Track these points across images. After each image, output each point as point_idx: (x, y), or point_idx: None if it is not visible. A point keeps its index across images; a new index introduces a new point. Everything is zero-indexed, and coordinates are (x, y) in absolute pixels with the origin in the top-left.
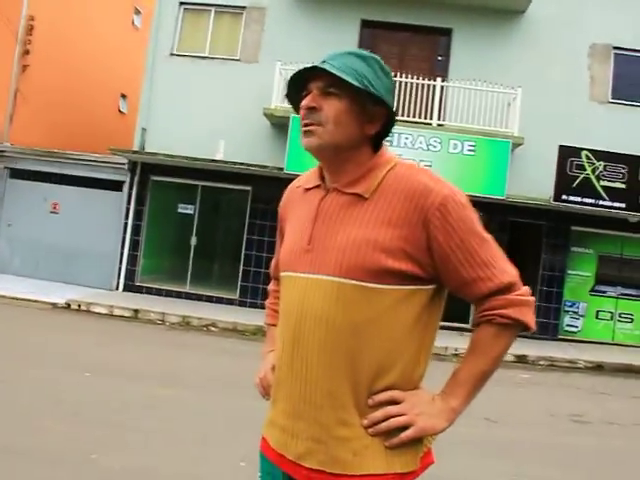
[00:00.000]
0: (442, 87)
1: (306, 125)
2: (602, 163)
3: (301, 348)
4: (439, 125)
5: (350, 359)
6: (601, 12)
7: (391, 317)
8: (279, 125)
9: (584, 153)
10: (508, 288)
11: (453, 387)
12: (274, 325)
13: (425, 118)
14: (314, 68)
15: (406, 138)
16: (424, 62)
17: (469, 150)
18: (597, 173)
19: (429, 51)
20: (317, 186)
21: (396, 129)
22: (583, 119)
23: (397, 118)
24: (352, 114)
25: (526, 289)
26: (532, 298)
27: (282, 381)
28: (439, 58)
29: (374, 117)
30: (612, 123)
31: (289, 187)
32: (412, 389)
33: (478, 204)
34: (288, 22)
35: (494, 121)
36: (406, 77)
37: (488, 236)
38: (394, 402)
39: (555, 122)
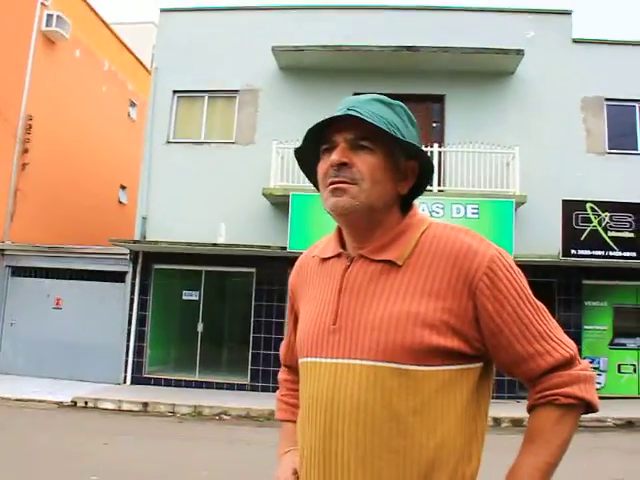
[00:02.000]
0: (439, 152)
1: (336, 183)
2: (608, 214)
3: (334, 447)
4: (440, 191)
5: (394, 458)
6: (590, 65)
7: (438, 405)
8: (279, 204)
9: (589, 205)
10: (569, 363)
11: None
12: (290, 421)
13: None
14: (342, 117)
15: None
16: (420, 129)
17: (472, 213)
18: (604, 224)
19: (423, 118)
20: (338, 255)
21: None
22: (582, 172)
23: None
24: (387, 171)
25: (586, 363)
26: (594, 373)
27: None
28: (434, 124)
29: (407, 173)
30: (611, 173)
31: (301, 258)
32: None
33: None
34: (281, 101)
35: (494, 182)
36: None
37: (540, 303)
38: None
39: (555, 177)
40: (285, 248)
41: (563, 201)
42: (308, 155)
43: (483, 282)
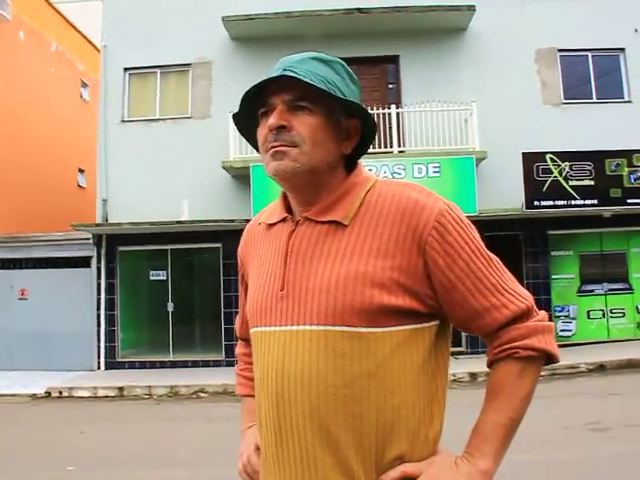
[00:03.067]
0: (397, 114)
1: (276, 147)
2: (567, 164)
3: (288, 419)
4: (400, 152)
5: (350, 424)
6: (542, 17)
7: (393, 366)
8: (240, 177)
9: (548, 157)
10: (526, 314)
11: (479, 444)
12: (249, 396)
13: (385, 147)
14: (278, 78)
15: (369, 170)
16: (376, 92)
17: (434, 172)
18: (564, 174)
19: (379, 80)
20: (283, 219)
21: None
22: (540, 124)
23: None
24: (328, 131)
25: (544, 313)
26: (552, 323)
27: (271, 463)
28: (390, 86)
29: (350, 132)
30: (569, 123)
31: (247, 226)
32: (429, 454)
33: None
34: (235, 72)
35: (454, 140)
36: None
37: (493, 255)
38: (409, 478)
39: (514, 131)
40: (249, 220)
41: (523, 154)
42: (248, 121)
43: (432, 237)
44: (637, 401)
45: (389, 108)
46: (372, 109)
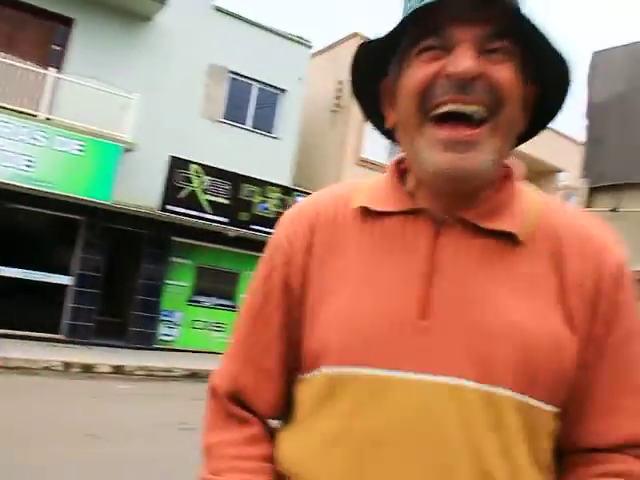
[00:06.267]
0: (55, 78)
1: (462, 126)
2: (209, 178)
3: None
4: (47, 119)
5: None
6: (224, 35)
7: (549, 465)
8: None
9: (194, 167)
10: None
11: None
12: None
13: (32, 109)
14: None
15: (6, 127)
16: (37, 48)
17: (77, 150)
18: (203, 187)
19: (45, 37)
20: (412, 212)
21: None
22: (195, 134)
23: None
24: (521, 95)
25: None
26: None
27: None
28: (55, 47)
29: (529, 102)
30: (221, 141)
31: (319, 205)
32: None
33: (80, 207)
34: None
35: (107, 124)
36: (15, 60)
37: None
38: None
39: (168, 133)
40: None
41: (170, 157)
42: (369, 69)
43: (608, 289)
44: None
45: (47, 69)
46: (27, 64)
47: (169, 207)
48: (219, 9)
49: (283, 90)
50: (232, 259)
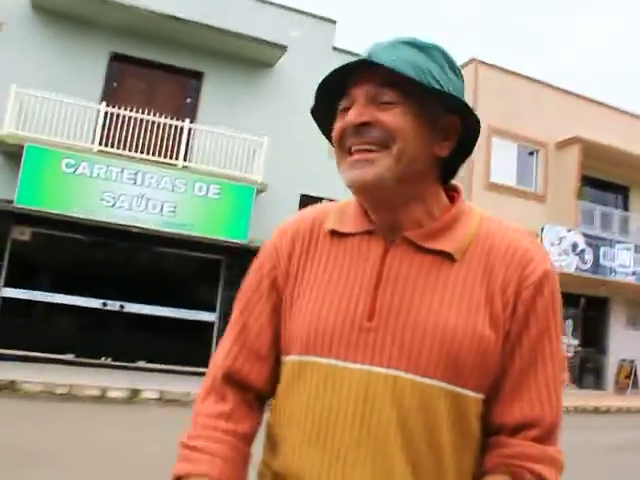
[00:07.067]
0: (190, 129)
1: (363, 152)
2: None
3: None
4: (184, 167)
5: None
6: None
7: (477, 441)
8: (11, 154)
9: (324, 201)
10: (550, 433)
11: None
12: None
13: (171, 158)
14: (359, 64)
15: (151, 177)
16: (173, 102)
17: (214, 193)
18: None
19: (179, 91)
20: (367, 232)
21: (140, 167)
22: (323, 171)
23: (142, 157)
24: (421, 128)
25: (560, 449)
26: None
27: None
28: (188, 100)
29: (448, 132)
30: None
31: (296, 223)
32: None
33: (220, 248)
34: (28, 43)
35: (240, 167)
36: (153, 115)
37: (562, 348)
38: None
39: (297, 171)
40: (12, 202)
41: (301, 195)
42: (325, 114)
43: (527, 294)
44: None
45: (183, 121)
46: (165, 118)
47: None
48: (337, 49)
49: None
50: None
